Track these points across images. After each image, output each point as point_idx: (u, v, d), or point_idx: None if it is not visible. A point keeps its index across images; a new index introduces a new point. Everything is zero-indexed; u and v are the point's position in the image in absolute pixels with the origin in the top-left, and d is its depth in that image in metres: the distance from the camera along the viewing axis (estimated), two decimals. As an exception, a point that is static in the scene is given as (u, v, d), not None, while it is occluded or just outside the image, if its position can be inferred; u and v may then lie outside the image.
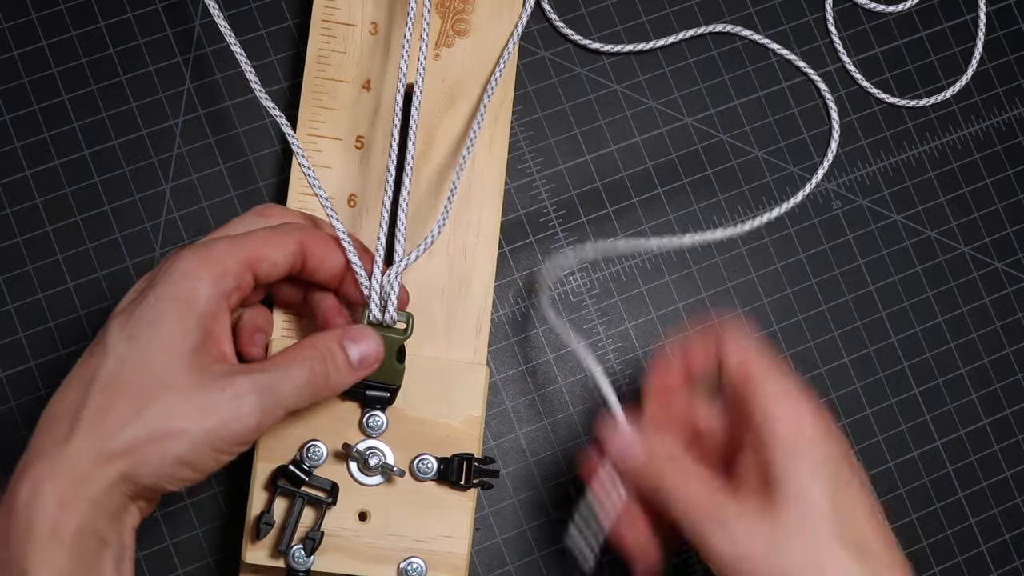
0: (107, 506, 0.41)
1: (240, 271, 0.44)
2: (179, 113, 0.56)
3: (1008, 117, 0.60)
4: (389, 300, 0.47)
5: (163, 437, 0.41)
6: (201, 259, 0.43)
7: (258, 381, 0.43)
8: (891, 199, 0.59)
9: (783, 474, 0.44)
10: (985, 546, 0.57)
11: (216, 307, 0.43)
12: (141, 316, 0.42)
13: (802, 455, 0.45)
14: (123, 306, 0.44)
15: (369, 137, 0.53)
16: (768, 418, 0.45)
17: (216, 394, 0.42)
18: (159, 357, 0.42)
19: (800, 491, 0.44)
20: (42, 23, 0.56)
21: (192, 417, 0.41)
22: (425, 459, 0.49)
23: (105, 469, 0.40)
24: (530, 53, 0.58)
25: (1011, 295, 0.59)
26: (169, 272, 0.43)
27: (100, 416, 0.41)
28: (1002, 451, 0.58)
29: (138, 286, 0.45)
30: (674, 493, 0.46)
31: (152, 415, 0.41)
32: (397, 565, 0.48)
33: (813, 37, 0.60)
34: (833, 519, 0.44)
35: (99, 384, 0.42)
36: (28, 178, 0.55)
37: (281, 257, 0.46)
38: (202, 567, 0.53)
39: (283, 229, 0.46)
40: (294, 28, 0.57)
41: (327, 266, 0.47)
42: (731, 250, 0.58)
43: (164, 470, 0.41)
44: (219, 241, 0.44)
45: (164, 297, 0.43)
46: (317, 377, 0.44)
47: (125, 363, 0.42)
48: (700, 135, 0.58)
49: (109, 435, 0.41)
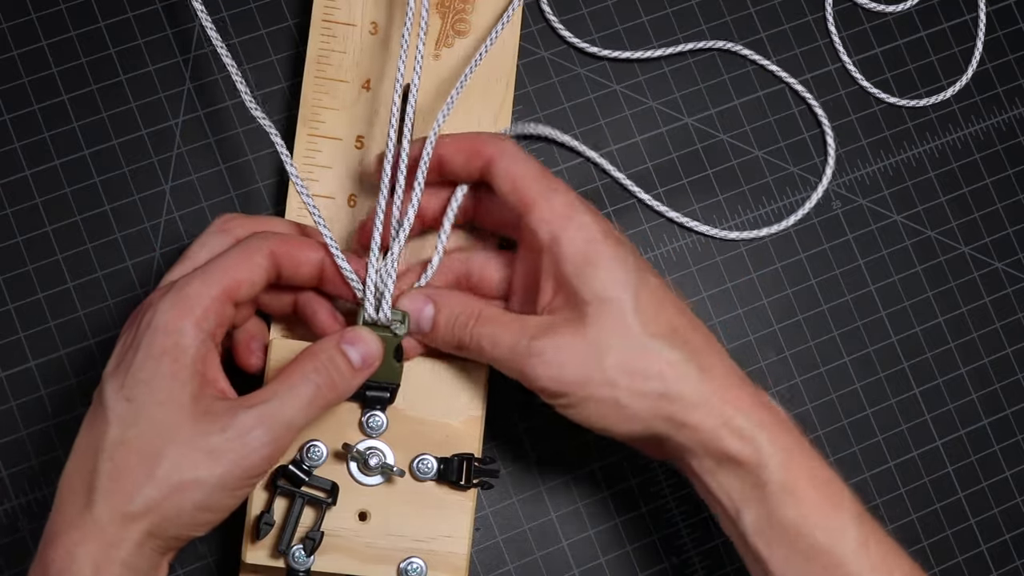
0: (138, 566, 0.42)
1: (219, 307, 0.44)
2: (179, 113, 0.56)
3: (1008, 117, 0.60)
4: (384, 299, 0.47)
5: (178, 490, 0.42)
6: (179, 308, 0.44)
7: (263, 413, 0.43)
8: (891, 199, 0.59)
9: (583, 286, 0.45)
10: (985, 546, 0.57)
11: (204, 349, 0.44)
12: (135, 376, 0.43)
13: (598, 264, 0.45)
14: (112, 367, 0.44)
15: (369, 137, 0.53)
16: (554, 238, 0.46)
17: (219, 436, 0.42)
18: (159, 413, 0.42)
19: (603, 298, 0.45)
20: (42, 23, 0.56)
21: (203, 465, 0.42)
22: (425, 459, 0.49)
23: (130, 530, 0.41)
24: (530, 53, 0.58)
25: (1011, 295, 0.59)
26: (151, 328, 0.43)
27: (115, 481, 0.42)
28: (1002, 451, 0.58)
29: (121, 344, 0.45)
30: (488, 349, 0.47)
31: (164, 472, 0.42)
32: (397, 565, 0.48)
33: (813, 37, 0.60)
34: (641, 316, 0.45)
35: (107, 450, 0.42)
36: (28, 178, 0.55)
37: (256, 276, 0.46)
38: (202, 567, 0.53)
39: (249, 246, 0.46)
40: (294, 28, 0.57)
41: (303, 269, 0.47)
42: (731, 250, 0.58)
43: (186, 520, 0.42)
44: (192, 281, 0.44)
45: (151, 355, 0.43)
46: (323, 389, 0.45)
47: (128, 425, 0.42)
48: (700, 135, 0.58)
49: (128, 498, 0.41)
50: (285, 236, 0.47)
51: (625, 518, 0.55)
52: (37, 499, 0.53)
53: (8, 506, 0.53)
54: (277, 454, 0.43)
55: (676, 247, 0.57)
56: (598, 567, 0.55)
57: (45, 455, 0.53)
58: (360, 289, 0.47)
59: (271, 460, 0.43)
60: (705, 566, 0.56)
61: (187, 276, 0.45)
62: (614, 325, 0.45)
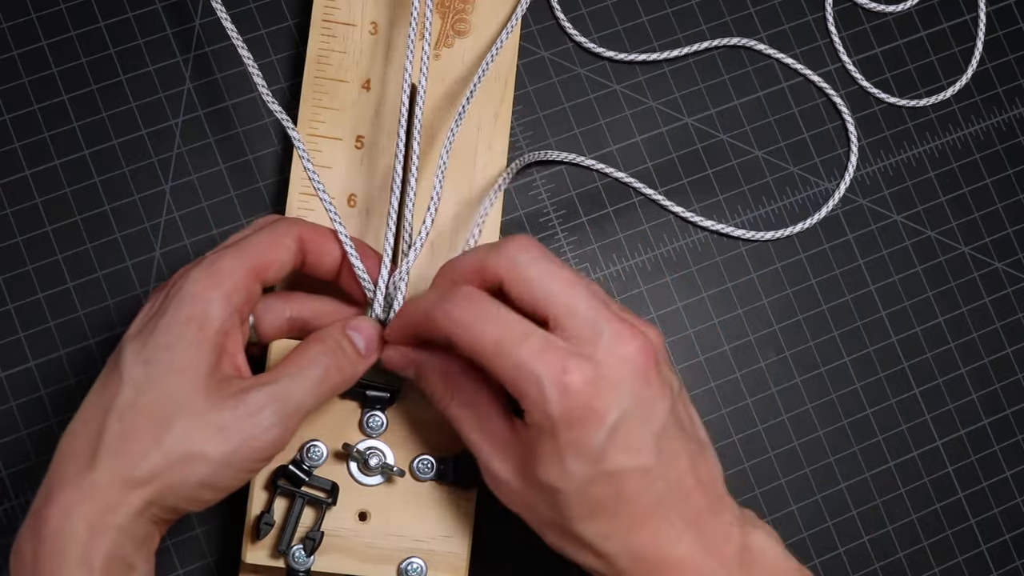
0: (134, 532, 0.41)
1: (249, 283, 0.44)
2: (179, 113, 0.56)
3: (1008, 117, 0.60)
4: (395, 301, 0.48)
5: (184, 462, 0.42)
6: (210, 278, 0.43)
7: (275, 392, 0.43)
8: (891, 199, 0.59)
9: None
10: (985, 546, 0.57)
11: (229, 324, 0.44)
12: (156, 340, 0.43)
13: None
14: (135, 330, 0.44)
15: (369, 137, 0.54)
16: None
17: (231, 413, 0.42)
18: (175, 381, 0.42)
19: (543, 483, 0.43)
20: (42, 23, 0.56)
21: (212, 440, 0.42)
22: (425, 459, 0.49)
23: (131, 496, 0.41)
24: (530, 53, 0.58)
25: (1011, 295, 0.59)
26: (179, 294, 0.43)
27: (121, 444, 0.41)
28: (1002, 451, 0.58)
29: (147, 309, 0.45)
30: (462, 433, 0.45)
31: (172, 441, 0.41)
32: (397, 565, 0.48)
33: (813, 37, 0.60)
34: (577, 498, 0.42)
35: (117, 412, 0.42)
36: (28, 178, 0.55)
37: (285, 258, 0.46)
38: (202, 567, 0.53)
39: (279, 229, 0.46)
40: (294, 28, 0.57)
41: (327, 259, 0.47)
42: (731, 250, 0.58)
43: (187, 493, 0.42)
44: (224, 256, 0.44)
45: (177, 320, 0.43)
46: (331, 372, 0.45)
47: (142, 390, 0.42)
48: (700, 135, 0.58)
49: (132, 463, 0.41)
50: (314, 225, 0.48)
51: (625, 518, 0.55)
52: (37, 499, 0.53)
53: (8, 506, 0.53)
54: (285, 437, 0.43)
55: (676, 247, 0.57)
56: (598, 567, 0.55)
57: (45, 455, 0.53)
58: (371, 290, 0.48)
59: (278, 443, 0.43)
60: None
61: (219, 251, 0.45)
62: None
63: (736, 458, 0.56)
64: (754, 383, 0.57)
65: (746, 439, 0.57)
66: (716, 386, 0.57)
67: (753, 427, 0.57)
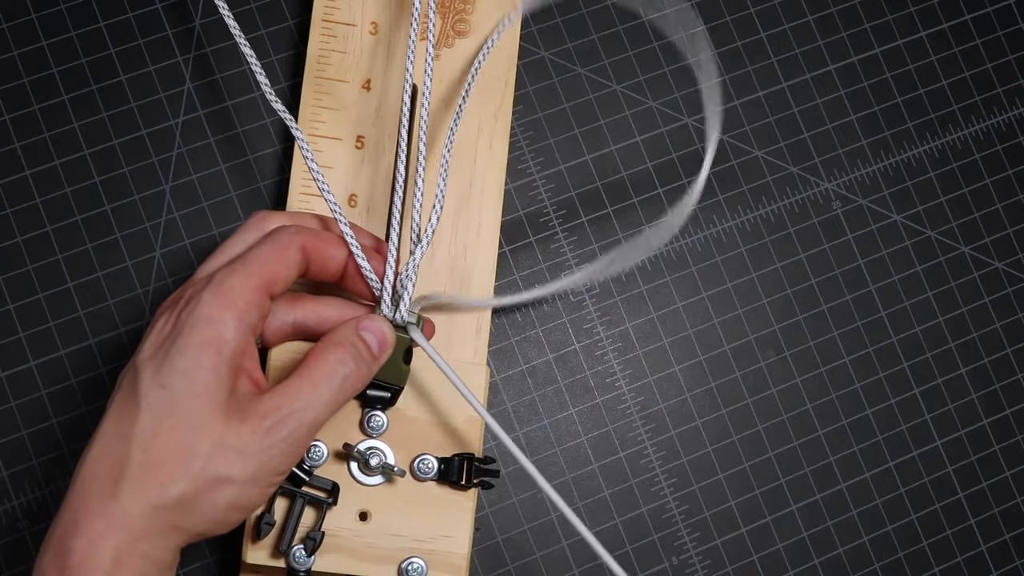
0: (160, 559, 0.41)
1: (260, 300, 0.44)
2: (179, 113, 0.56)
3: (1008, 117, 0.60)
4: (402, 300, 0.47)
5: (212, 487, 0.42)
6: (222, 298, 0.43)
7: (294, 411, 0.43)
8: (891, 199, 0.59)
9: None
10: (985, 546, 0.57)
11: (245, 343, 0.44)
12: (173, 364, 0.42)
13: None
14: (149, 353, 0.43)
15: (370, 137, 0.54)
16: None
17: (249, 436, 0.42)
18: (196, 405, 0.42)
19: None
20: (42, 23, 0.56)
21: (236, 463, 0.42)
22: (425, 459, 0.49)
23: (159, 523, 0.41)
24: (530, 53, 0.58)
25: (1011, 295, 0.59)
26: (193, 317, 0.43)
27: (146, 473, 0.41)
28: (1002, 451, 0.58)
29: (159, 329, 0.44)
30: None
31: (198, 467, 0.41)
32: (397, 565, 0.48)
33: (813, 37, 0.60)
34: None
35: (139, 440, 0.42)
36: (28, 178, 0.55)
37: (291, 271, 0.46)
38: (202, 567, 0.53)
39: (282, 240, 0.46)
40: (294, 28, 0.57)
41: (330, 265, 0.47)
42: (731, 250, 0.58)
43: (216, 517, 0.42)
44: (232, 274, 0.44)
45: (192, 344, 0.42)
46: (348, 380, 0.45)
47: (162, 415, 0.42)
48: (700, 135, 0.58)
49: (160, 490, 0.41)
50: (315, 231, 0.47)
51: (625, 518, 0.56)
52: (37, 499, 0.53)
53: (8, 506, 0.53)
54: (303, 450, 0.44)
55: (676, 247, 0.57)
56: (598, 567, 0.55)
57: (45, 455, 0.53)
58: (379, 288, 0.48)
59: (298, 457, 0.44)
60: (705, 566, 0.56)
61: (227, 268, 0.45)
62: None
63: (736, 458, 0.56)
64: (754, 383, 0.57)
65: (746, 439, 0.57)
66: (716, 386, 0.57)
67: (753, 427, 0.57)
